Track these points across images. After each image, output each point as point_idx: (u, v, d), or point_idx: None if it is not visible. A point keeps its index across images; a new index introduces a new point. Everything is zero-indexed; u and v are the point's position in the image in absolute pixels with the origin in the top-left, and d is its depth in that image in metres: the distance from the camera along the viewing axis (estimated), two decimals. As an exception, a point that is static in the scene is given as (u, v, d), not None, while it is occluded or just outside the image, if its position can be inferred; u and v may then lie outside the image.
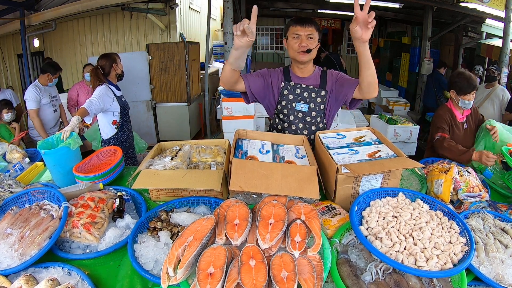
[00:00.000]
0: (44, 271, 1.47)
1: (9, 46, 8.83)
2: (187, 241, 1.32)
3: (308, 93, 2.37)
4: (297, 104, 2.38)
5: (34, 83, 4.60)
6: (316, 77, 2.39)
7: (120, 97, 3.48)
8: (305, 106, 2.37)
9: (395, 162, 1.78)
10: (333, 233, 1.58)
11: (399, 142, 5.22)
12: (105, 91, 3.29)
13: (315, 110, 2.38)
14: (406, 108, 7.08)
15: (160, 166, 1.98)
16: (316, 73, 2.40)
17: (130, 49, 8.13)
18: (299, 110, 2.39)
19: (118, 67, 3.49)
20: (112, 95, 3.34)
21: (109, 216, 1.78)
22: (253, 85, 2.33)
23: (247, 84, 2.30)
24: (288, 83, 2.39)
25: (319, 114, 2.40)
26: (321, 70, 2.41)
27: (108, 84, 3.39)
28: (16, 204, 1.87)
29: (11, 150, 2.72)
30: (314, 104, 2.37)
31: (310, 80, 2.38)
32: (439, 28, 8.43)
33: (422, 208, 1.63)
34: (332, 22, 12.69)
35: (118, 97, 3.44)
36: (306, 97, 2.37)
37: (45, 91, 4.60)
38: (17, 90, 8.72)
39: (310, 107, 2.37)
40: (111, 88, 3.40)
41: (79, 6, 6.93)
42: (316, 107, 2.37)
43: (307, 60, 2.30)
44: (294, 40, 2.24)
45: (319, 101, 2.36)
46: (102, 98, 3.18)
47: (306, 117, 2.40)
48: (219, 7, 12.37)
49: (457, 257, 1.40)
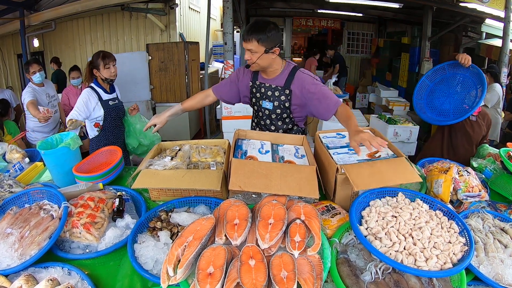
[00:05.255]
0: (44, 271, 1.48)
1: (9, 46, 8.84)
2: (187, 241, 1.32)
3: (272, 92, 2.43)
4: (263, 102, 2.49)
5: (28, 85, 4.42)
6: (282, 78, 2.41)
7: (107, 101, 3.25)
8: (269, 104, 2.46)
9: (395, 170, 1.77)
10: (332, 233, 1.59)
11: (399, 142, 5.21)
12: (86, 98, 3.11)
13: (279, 108, 2.44)
14: (406, 108, 7.05)
15: (160, 166, 1.98)
16: (284, 73, 2.42)
17: (130, 49, 8.12)
18: (265, 108, 2.50)
19: (101, 73, 3.17)
20: (95, 100, 3.16)
21: (109, 216, 1.78)
22: (224, 95, 2.65)
23: (219, 96, 2.64)
24: (254, 82, 2.51)
25: (285, 111, 2.45)
26: (292, 68, 2.42)
27: (96, 86, 3.21)
28: (16, 204, 1.87)
29: (11, 150, 2.72)
30: (278, 102, 2.43)
31: (275, 81, 2.43)
32: (438, 28, 8.41)
33: (421, 208, 1.64)
34: (332, 22, 12.67)
35: (104, 101, 3.22)
36: (270, 95, 2.45)
37: (42, 92, 4.43)
38: (16, 90, 8.73)
39: (275, 105, 2.45)
40: (98, 90, 3.20)
41: (79, 6, 6.94)
42: (280, 105, 2.43)
43: (258, 69, 2.40)
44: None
45: (283, 99, 2.41)
46: (82, 108, 3.05)
47: (271, 114, 2.50)
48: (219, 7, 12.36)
49: (457, 257, 1.40)
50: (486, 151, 2.80)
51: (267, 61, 2.30)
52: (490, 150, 2.81)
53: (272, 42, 2.23)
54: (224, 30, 5.83)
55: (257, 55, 2.25)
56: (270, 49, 2.24)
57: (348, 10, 10.73)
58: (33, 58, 5.33)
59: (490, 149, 2.82)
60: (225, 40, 5.80)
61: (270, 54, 2.27)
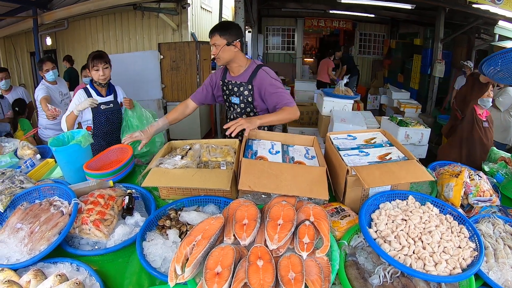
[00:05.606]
0: (52, 266, 1.50)
1: (22, 44, 8.94)
2: (195, 239, 1.33)
3: (238, 88, 2.66)
4: (231, 98, 2.73)
5: (41, 82, 4.45)
6: (246, 74, 2.63)
7: (99, 104, 3.07)
8: (237, 99, 2.70)
9: (406, 170, 1.76)
10: (341, 235, 1.58)
11: (410, 144, 5.15)
12: (77, 98, 3.03)
13: (243, 102, 2.67)
14: (417, 110, 6.98)
15: (170, 164, 2.00)
16: (248, 70, 2.64)
17: (142, 48, 8.15)
18: (234, 103, 2.73)
19: (91, 74, 3.05)
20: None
21: (119, 213, 1.80)
22: (201, 100, 2.87)
23: (197, 101, 2.87)
24: (224, 80, 2.75)
25: (248, 105, 2.67)
26: (256, 66, 2.63)
27: (90, 87, 3.13)
28: (27, 200, 1.89)
29: (23, 147, 2.75)
30: (242, 97, 2.65)
31: (240, 78, 2.65)
32: (451, 30, 8.33)
33: (432, 212, 1.62)
34: (344, 22, 12.57)
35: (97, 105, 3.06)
36: (236, 91, 2.67)
37: (55, 89, 4.48)
38: (29, 88, 8.83)
39: (240, 100, 2.68)
40: (91, 92, 3.10)
41: (91, 5, 6.99)
42: (244, 99, 2.65)
43: (222, 64, 2.65)
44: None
45: (247, 94, 2.63)
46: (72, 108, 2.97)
47: (237, 108, 2.73)
48: (231, 7, 12.37)
49: (466, 262, 1.38)
50: (498, 155, 2.75)
51: (229, 53, 2.53)
52: (502, 154, 2.77)
53: (233, 36, 2.50)
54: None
55: (220, 48, 2.49)
56: (231, 42, 2.50)
57: (360, 10, 10.64)
58: (47, 56, 5.38)
59: (501, 153, 2.78)
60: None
61: (232, 47, 2.51)
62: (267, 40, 13.51)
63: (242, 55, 2.62)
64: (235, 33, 2.52)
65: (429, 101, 8.78)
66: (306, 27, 12.96)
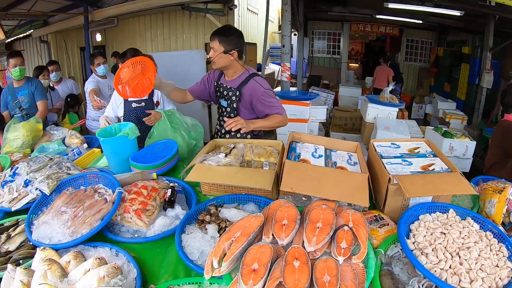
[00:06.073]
0: (92, 250, 1.57)
1: (72, 39, 9.33)
2: (234, 236, 1.36)
3: (227, 92, 2.71)
4: (221, 100, 2.79)
5: (91, 76, 4.66)
6: (238, 81, 2.67)
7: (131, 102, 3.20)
8: (225, 103, 2.75)
9: (449, 182, 1.71)
10: (379, 244, 1.56)
11: (454, 156, 4.98)
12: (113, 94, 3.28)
13: (230, 106, 2.71)
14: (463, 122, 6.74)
15: (214, 161, 2.04)
16: (240, 77, 2.67)
17: (189, 47, 8.31)
18: (222, 106, 2.79)
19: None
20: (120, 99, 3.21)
21: (160, 205, 1.85)
22: (197, 94, 2.96)
23: (194, 95, 2.96)
24: (218, 82, 2.80)
25: (232, 111, 2.71)
26: (249, 74, 2.66)
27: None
28: (72, 185, 1.99)
29: (71, 135, 2.89)
30: (230, 101, 2.70)
31: (232, 83, 2.70)
32: (501, 39, 7.96)
33: (472, 227, 1.57)
34: (390, 28, 12.23)
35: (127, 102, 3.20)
36: (225, 95, 2.73)
37: (105, 83, 4.61)
38: (78, 81, 9.21)
39: (227, 104, 2.72)
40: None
41: (141, 4, 7.22)
42: (231, 104, 2.69)
43: (216, 69, 2.72)
44: None
45: (234, 99, 2.67)
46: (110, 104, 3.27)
47: (223, 112, 2.80)
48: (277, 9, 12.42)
49: (503, 282, 1.33)
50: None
51: (224, 61, 2.57)
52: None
53: (232, 45, 2.53)
54: (282, 33, 5.81)
55: (216, 53, 2.53)
56: (228, 51, 2.53)
57: (407, 16, 10.34)
58: (98, 51, 5.59)
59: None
60: (283, 42, 5.77)
61: (228, 56, 2.55)
62: (312, 43, 13.39)
63: (237, 64, 2.65)
64: (235, 42, 2.55)
65: (476, 112, 8.42)
66: (352, 32, 12.70)
